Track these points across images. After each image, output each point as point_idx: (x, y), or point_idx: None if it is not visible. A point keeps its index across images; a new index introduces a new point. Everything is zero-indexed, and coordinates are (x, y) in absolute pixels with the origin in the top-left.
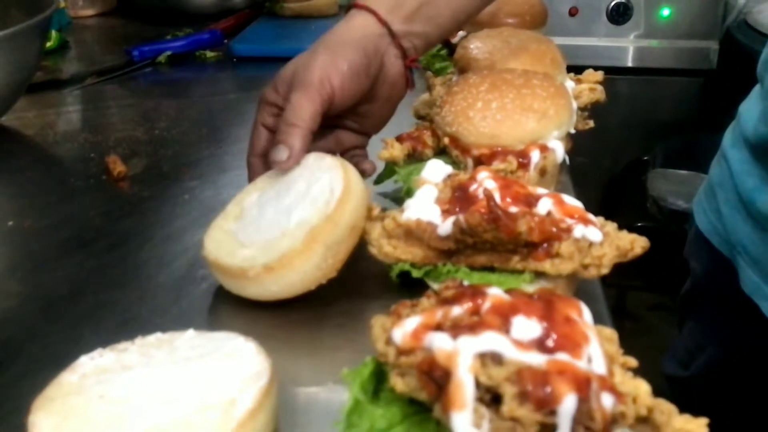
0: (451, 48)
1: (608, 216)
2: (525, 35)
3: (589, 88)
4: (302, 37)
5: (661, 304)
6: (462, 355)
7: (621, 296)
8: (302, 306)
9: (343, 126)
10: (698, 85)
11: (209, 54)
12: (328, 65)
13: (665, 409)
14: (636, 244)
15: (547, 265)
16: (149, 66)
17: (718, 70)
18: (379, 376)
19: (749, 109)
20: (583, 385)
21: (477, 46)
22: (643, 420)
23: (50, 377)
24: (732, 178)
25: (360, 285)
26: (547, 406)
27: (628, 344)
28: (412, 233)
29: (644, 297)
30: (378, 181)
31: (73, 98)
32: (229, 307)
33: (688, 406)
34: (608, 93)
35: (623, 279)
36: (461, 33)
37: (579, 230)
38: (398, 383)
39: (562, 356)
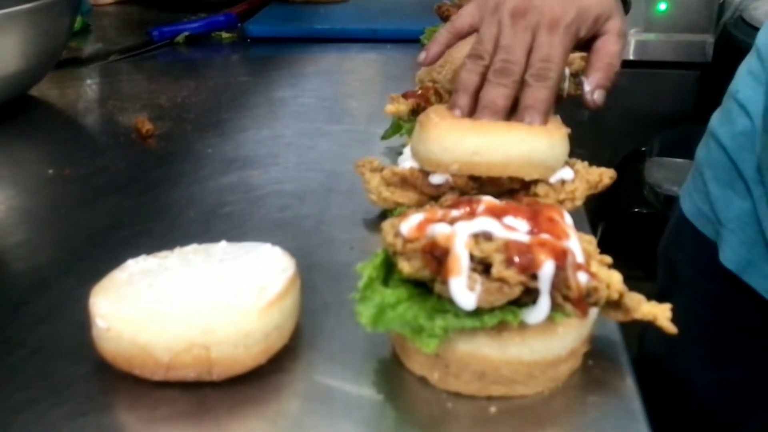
0: None
1: (607, 204)
2: None
3: (581, 56)
4: (313, 20)
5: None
6: (458, 235)
7: None
8: (318, 232)
9: None
10: (695, 78)
11: (225, 35)
12: None
13: (635, 296)
14: (604, 175)
15: None
16: (167, 46)
17: (713, 63)
18: (388, 268)
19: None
20: (560, 255)
21: None
22: (615, 305)
23: None
24: (727, 154)
25: (366, 218)
26: (529, 269)
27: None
28: (407, 180)
29: (643, 287)
30: (385, 136)
31: (95, 74)
32: (254, 234)
33: (677, 395)
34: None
35: (624, 270)
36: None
37: None
38: (405, 266)
39: (545, 236)
